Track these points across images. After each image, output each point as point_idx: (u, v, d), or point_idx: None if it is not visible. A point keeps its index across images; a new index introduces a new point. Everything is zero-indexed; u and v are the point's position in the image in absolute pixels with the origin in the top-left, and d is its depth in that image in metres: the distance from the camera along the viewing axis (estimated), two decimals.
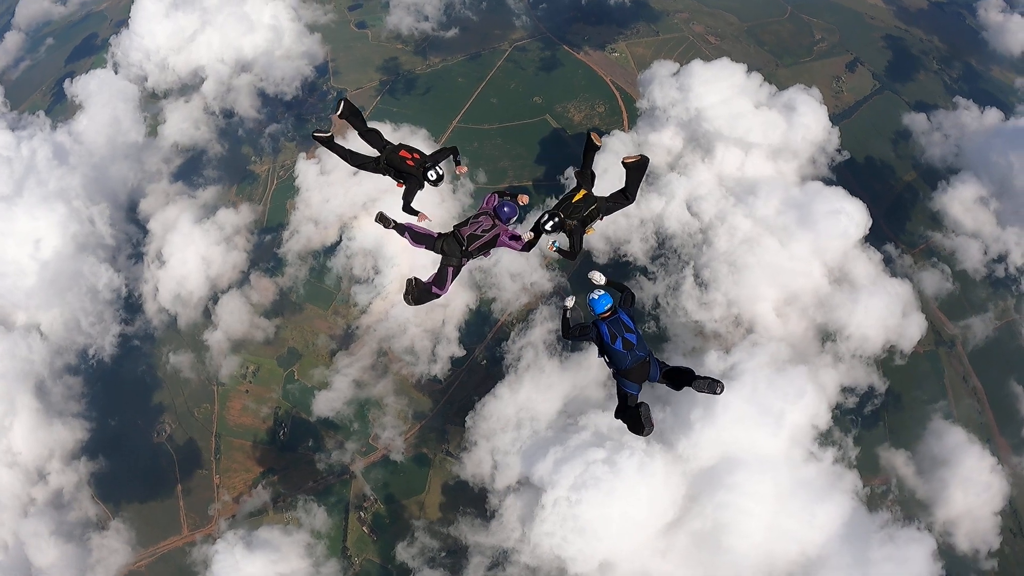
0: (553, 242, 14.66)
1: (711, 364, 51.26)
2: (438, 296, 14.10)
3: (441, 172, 14.98)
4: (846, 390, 55.63)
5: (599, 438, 49.17)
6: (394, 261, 61.32)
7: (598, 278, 14.05)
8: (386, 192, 61.99)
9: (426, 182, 14.91)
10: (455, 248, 13.97)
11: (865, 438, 55.31)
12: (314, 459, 58.62)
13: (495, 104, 73.80)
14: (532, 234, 14.58)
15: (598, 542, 46.12)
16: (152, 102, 76.88)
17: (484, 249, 14.26)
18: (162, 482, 59.97)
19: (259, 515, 57.29)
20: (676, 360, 57.31)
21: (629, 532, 46.76)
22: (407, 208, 14.64)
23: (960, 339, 60.03)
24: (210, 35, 76.22)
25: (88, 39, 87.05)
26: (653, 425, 13.22)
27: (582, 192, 14.69)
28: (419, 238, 14.17)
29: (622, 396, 13.45)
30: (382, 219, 14.23)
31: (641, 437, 13.35)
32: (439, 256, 14.25)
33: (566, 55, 77.67)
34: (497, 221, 14.25)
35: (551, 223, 14.36)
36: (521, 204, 14.83)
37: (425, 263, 14.89)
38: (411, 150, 15.07)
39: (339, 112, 15.04)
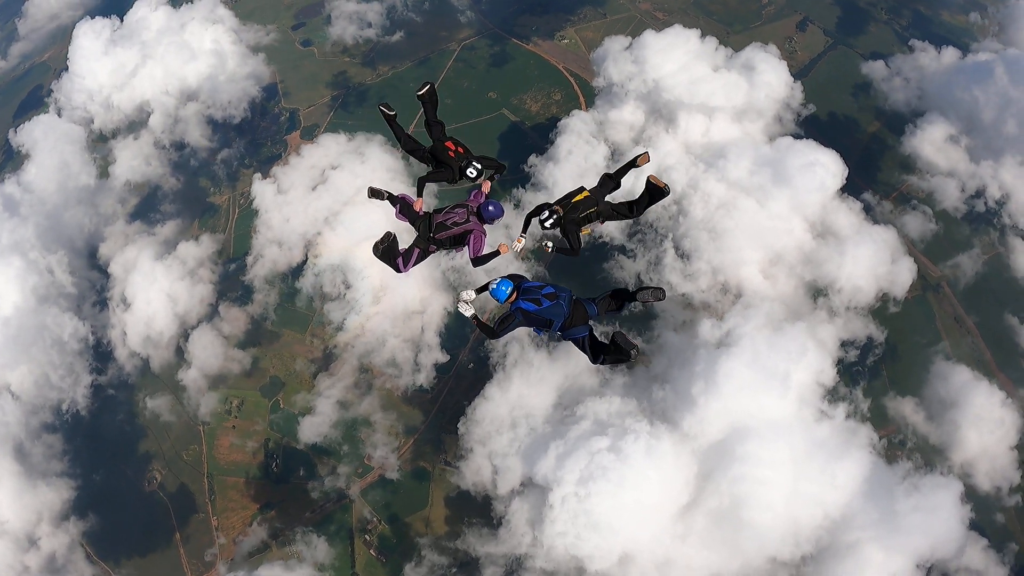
0: (547, 244, 13.95)
1: (705, 333, 47.60)
2: (396, 269, 13.37)
3: (480, 170, 13.98)
4: (846, 344, 52.29)
5: (600, 426, 45.41)
6: (364, 274, 57.04)
7: (468, 296, 13.12)
8: (347, 205, 58.12)
9: (465, 177, 13.97)
10: (425, 231, 13.34)
11: (868, 390, 51.88)
12: (311, 488, 54.78)
13: (450, 105, 69.45)
14: (521, 239, 13.89)
15: (614, 535, 42.36)
16: (100, 144, 72.22)
17: (453, 244, 13.46)
18: (159, 532, 56.04)
19: (262, 553, 53.47)
20: (668, 337, 54.34)
21: (645, 520, 42.99)
22: (420, 185, 14.02)
23: (946, 280, 56.79)
24: (152, 68, 71.75)
25: (34, 92, 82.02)
26: (635, 344, 12.30)
27: (585, 193, 13.83)
28: (406, 210, 13.64)
29: (584, 344, 12.77)
30: (375, 193, 13.97)
31: (631, 361, 12.55)
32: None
33: (516, 48, 74.26)
34: (473, 217, 13.33)
35: (551, 220, 13.53)
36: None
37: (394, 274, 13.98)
38: (457, 143, 14.26)
39: (422, 92, 14.49)
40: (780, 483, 42.68)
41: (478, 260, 13.30)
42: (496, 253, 13.32)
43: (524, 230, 13.86)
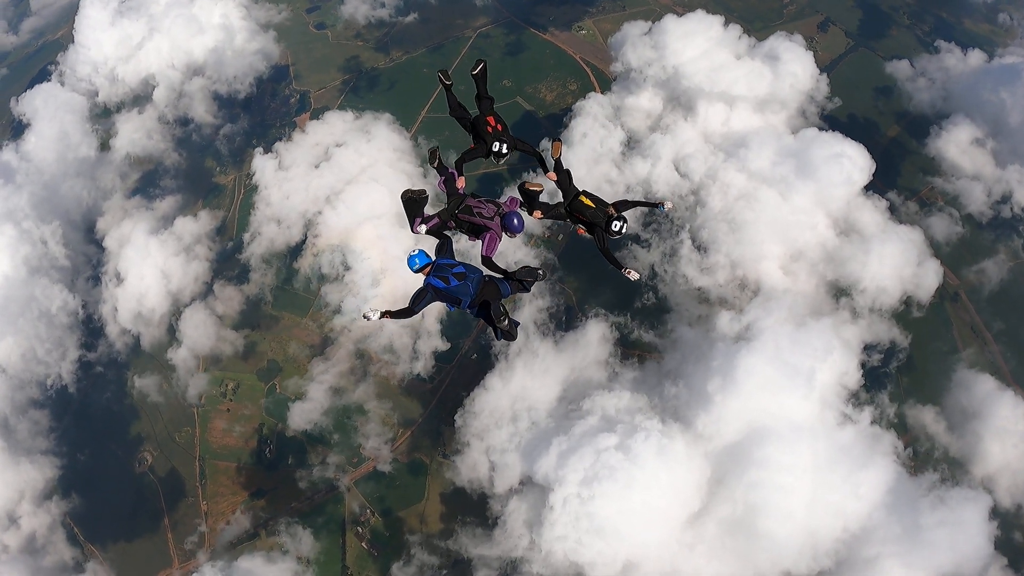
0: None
1: (723, 326, 42.44)
2: (411, 225, 12.75)
3: (506, 152, 13.27)
4: (868, 348, 47.10)
5: (608, 422, 40.29)
6: (364, 255, 52.17)
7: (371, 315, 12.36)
8: (349, 183, 53.53)
9: (492, 154, 13.36)
10: (453, 206, 12.79)
11: (890, 397, 47.05)
12: (304, 476, 50.57)
13: (463, 91, 64.17)
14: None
15: (619, 542, 37.08)
16: (104, 118, 67.34)
17: (469, 230, 12.83)
18: (148, 515, 52.18)
19: (250, 540, 49.39)
20: (682, 331, 49.26)
21: (653, 526, 37.60)
22: (458, 163, 13.43)
23: (964, 289, 52.14)
24: (158, 41, 67.03)
25: (45, 69, 76.71)
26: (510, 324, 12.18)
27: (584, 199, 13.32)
28: (449, 183, 13.22)
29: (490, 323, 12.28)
30: (433, 155, 13.55)
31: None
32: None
33: (532, 37, 69.82)
34: (498, 219, 12.65)
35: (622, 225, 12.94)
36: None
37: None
38: (498, 119, 13.72)
39: (476, 71, 14.08)
40: (800, 491, 37.74)
41: (488, 262, 12.50)
42: (508, 274, 12.55)
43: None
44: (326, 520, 48.95)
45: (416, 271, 12.03)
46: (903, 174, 57.56)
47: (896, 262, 48.65)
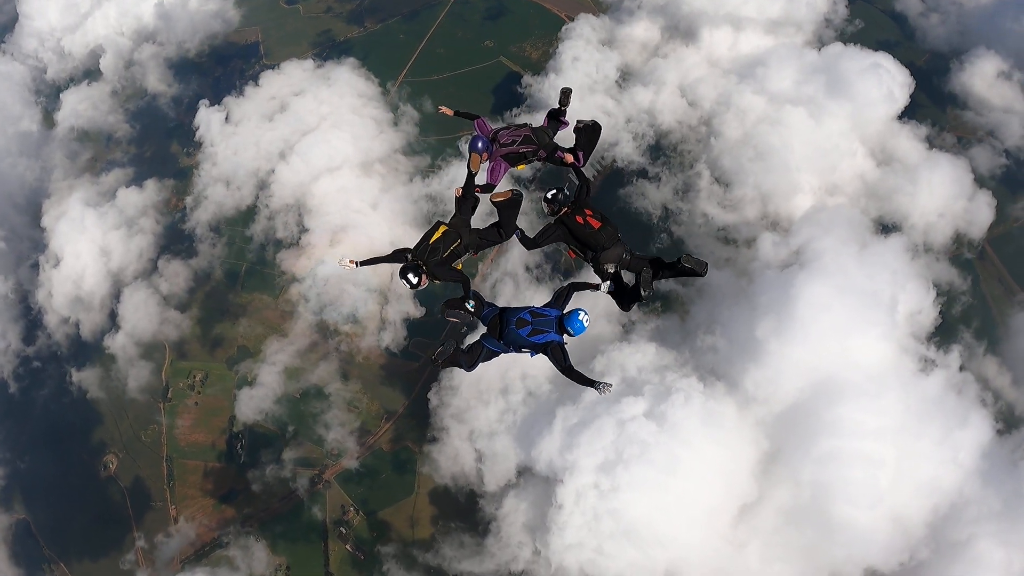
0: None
1: (767, 251, 29.11)
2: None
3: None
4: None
5: (630, 385, 26.37)
6: (321, 212, 38.99)
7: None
8: (306, 135, 41.09)
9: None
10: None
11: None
12: (278, 474, 38.89)
13: (443, 54, 53.86)
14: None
15: (658, 546, 23.15)
16: (53, 98, 53.85)
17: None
18: (114, 522, 40.80)
19: (222, 549, 38.27)
20: (707, 276, 36.19)
21: (698, 521, 23.87)
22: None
23: (989, 240, 39.25)
24: (106, 7, 53.63)
25: None
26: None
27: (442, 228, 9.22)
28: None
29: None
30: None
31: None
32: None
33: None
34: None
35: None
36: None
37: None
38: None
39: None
40: (886, 462, 24.48)
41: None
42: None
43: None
44: (310, 519, 37.91)
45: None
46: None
47: (946, 193, 36.20)
